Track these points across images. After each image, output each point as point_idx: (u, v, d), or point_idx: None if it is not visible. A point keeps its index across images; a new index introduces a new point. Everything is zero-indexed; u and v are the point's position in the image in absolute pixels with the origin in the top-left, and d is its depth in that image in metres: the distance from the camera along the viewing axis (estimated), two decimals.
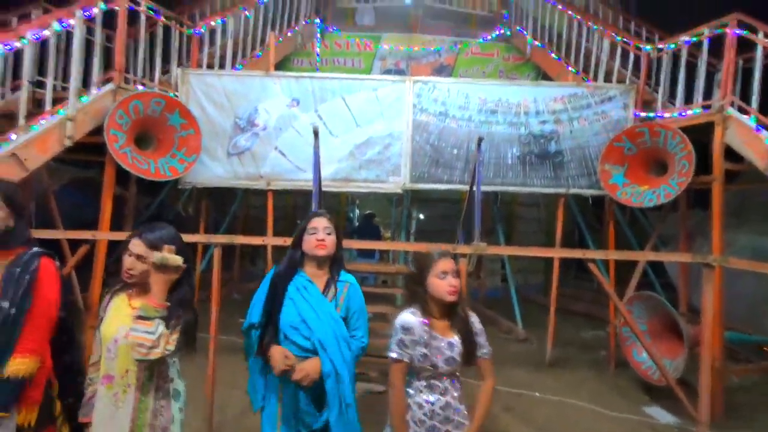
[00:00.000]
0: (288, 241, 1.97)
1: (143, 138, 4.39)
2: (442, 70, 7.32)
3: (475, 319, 1.77)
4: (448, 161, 4.85)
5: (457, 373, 1.73)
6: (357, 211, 10.09)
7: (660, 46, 4.80)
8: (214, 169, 4.87)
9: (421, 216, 7.84)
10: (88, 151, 4.25)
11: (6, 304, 1.36)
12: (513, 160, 4.82)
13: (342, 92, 4.86)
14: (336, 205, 8.23)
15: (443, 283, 1.68)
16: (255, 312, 1.85)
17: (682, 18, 5.28)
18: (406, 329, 1.66)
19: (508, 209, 8.30)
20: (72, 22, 3.76)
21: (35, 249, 1.52)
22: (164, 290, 1.50)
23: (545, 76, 6.69)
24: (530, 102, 4.82)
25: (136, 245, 1.60)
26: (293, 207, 8.26)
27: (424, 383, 1.68)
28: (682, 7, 8.01)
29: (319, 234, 1.80)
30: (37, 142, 3.51)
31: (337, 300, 1.83)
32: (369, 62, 7.38)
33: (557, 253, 4.30)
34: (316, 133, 3.22)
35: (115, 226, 4.40)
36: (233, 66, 5.38)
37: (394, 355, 1.67)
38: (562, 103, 4.78)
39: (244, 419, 3.09)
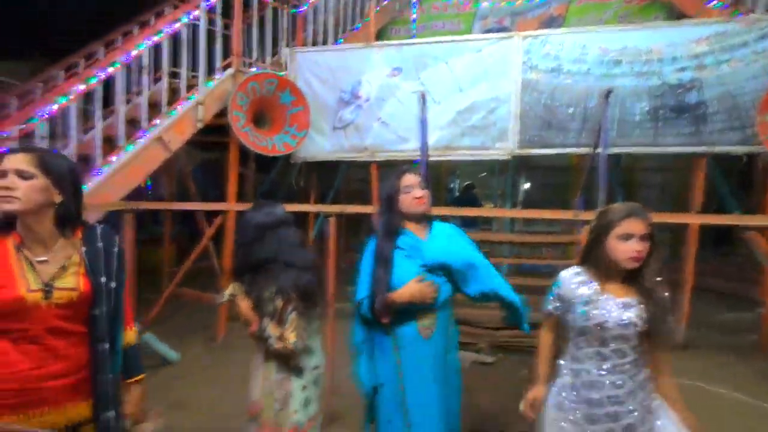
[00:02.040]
0: None
1: (259, 117, 4.73)
2: (551, 23, 6.65)
3: (664, 292, 1.50)
4: (561, 122, 4.43)
5: (638, 351, 1.48)
6: (457, 182, 9.88)
7: None
8: (321, 144, 5.08)
9: (526, 185, 7.39)
10: (212, 133, 4.72)
11: (105, 280, 1.29)
12: (641, 116, 4.22)
13: (445, 56, 4.67)
14: (435, 175, 8.14)
15: (625, 247, 1.43)
16: (363, 286, 1.76)
17: None
18: (557, 284, 1.59)
19: (627, 175, 7.43)
20: (197, 13, 4.12)
21: (102, 225, 1.39)
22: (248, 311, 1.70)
23: (678, 17, 5.71)
24: (664, 47, 4.14)
25: None
26: None
27: (592, 350, 1.49)
28: None
29: (416, 191, 1.73)
30: (175, 125, 3.97)
31: None
32: (469, 23, 6.99)
33: (698, 219, 3.67)
34: (423, 99, 3.12)
35: (238, 201, 4.86)
36: (335, 41, 5.49)
37: (547, 306, 1.63)
38: (706, 44, 4.03)
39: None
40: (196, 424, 2.79)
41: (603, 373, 1.46)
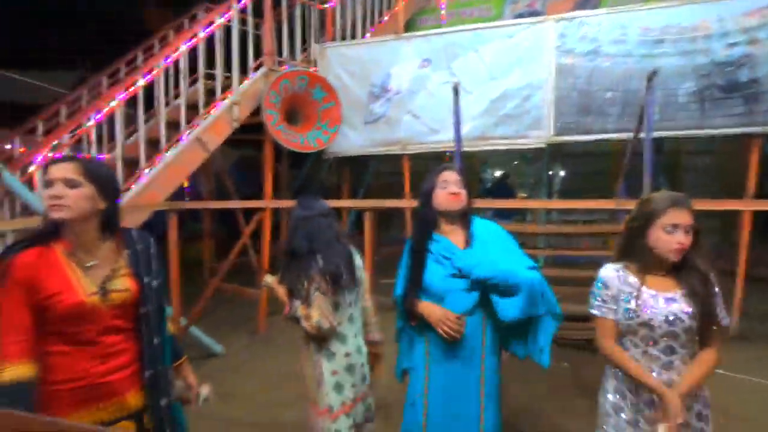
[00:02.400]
0: None
1: (292, 114, 4.80)
2: (585, 4, 6.39)
3: (713, 278, 1.41)
4: (599, 107, 4.27)
5: (688, 349, 1.42)
6: (489, 171, 9.70)
7: None
8: (353, 139, 5.11)
9: (562, 173, 7.17)
10: (247, 131, 4.83)
11: (149, 280, 1.37)
12: (686, 97, 4.01)
13: (474, 44, 4.58)
14: (468, 165, 8.03)
15: (670, 238, 1.36)
16: (400, 282, 1.78)
17: None
18: (602, 283, 1.49)
19: (671, 159, 7.09)
20: (229, 14, 4.20)
21: (135, 228, 1.47)
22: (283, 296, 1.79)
23: None
24: (712, 22, 3.90)
25: None
26: (424, 172, 8.30)
27: (639, 351, 1.43)
28: None
29: (452, 187, 1.70)
30: (213, 126, 4.09)
31: None
32: (499, 9, 6.82)
33: (752, 205, 3.47)
34: (456, 91, 3.09)
35: (274, 197, 4.96)
36: (363, 34, 5.48)
37: (594, 311, 1.50)
38: (759, 16, 3.77)
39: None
40: (243, 413, 2.91)
41: (653, 374, 1.40)
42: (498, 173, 9.80)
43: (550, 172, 6.26)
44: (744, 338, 3.92)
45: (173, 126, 4.00)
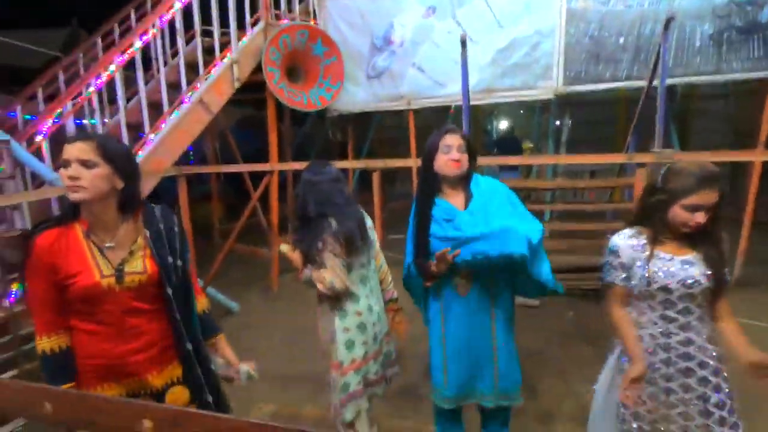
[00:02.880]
0: None
1: (292, 71, 4.67)
2: None
3: (723, 243, 1.42)
4: (611, 54, 4.11)
5: (703, 308, 1.44)
6: (494, 122, 9.53)
7: None
8: (355, 94, 4.99)
9: (569, 122, 7.03)
10: (247, 90, 4.73)
11: (173, 260, 1.34)
12: (703, 41, 3.84)
13: None
14: (473, 117, 7.88)
15: (689, 217, 1.35)
16: (409, 249, 1.82)
17: None
18: (613, 251, 1.50)
19: (682, 104, 6.89)
20: None
21: (159, 205, 1.41)
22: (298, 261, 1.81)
23: None
24: None
25: None
26: (428, 126, 8.16)
27: (657, 314, 1.46)
28: None
29: (453, 153, 1.69)
30: (214, 87, 4.00)
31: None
32: None
33: (763, 156, 3.42)
34: (463, 43, 2.97)
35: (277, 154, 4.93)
36: None
37: (604, 277, 1.54)
38: None
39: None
40: (264, 367, 3.07)
41: (671, 335, 1.44)
42: (503, 124, 9.63)
43: (558, 122, 6.13)
44: (749, 284, 4.01)
45: (172, 87, 3.92)
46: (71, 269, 1.22)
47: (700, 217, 1.35)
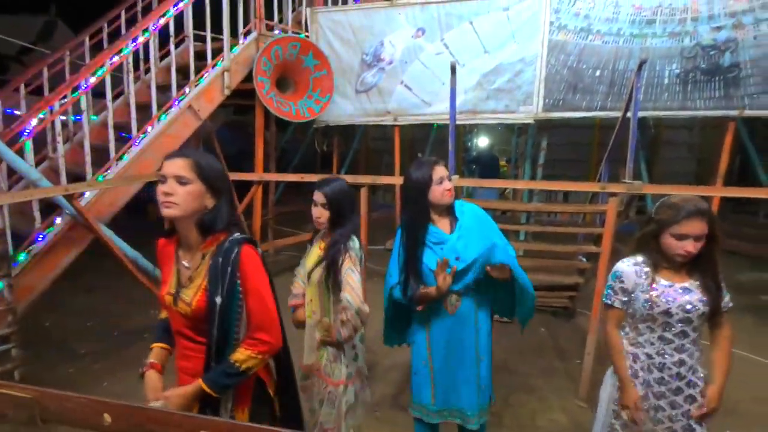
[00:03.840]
0: None
1: (282, 81, 4.73)
2: None
3: (718, 272, 1.55)
4: (588, 85, 4.37)
5: (698, 332, 1.56)
6: (474, 141, 9.80)
7: None
8: (343, 107, 5.09)
9: (545, 144, 7.32)
10: (236, 96, 4.74)
11: (218, 299, 1.24)
12: (671, 79, 4.15)
13: (469, 16, 4.55)
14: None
15: (677, 245, 1.48)
16: (394, 272, 1.84)
17: None
18: (617, 276, 1.61)
19: (653, 131, 7.30)
20: None
21: (236, 235, 1.29)
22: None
23: None
24: (701, 4, 3.98)
25: (319, 196, 1.86)
26: (411, 141, 8.35)
27: (655, 336, 1.57)
28: None
29: (446, 183, 1.78)
30: (204, 93, 4.02)
31: None
32: None
33: (721, 192, 3.67)
34: (453, 69, 3.12)
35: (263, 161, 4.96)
36: None
37: (605, 300, 1.66)
38: (747, 1, 3.87)
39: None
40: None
41: (666, 355, 1.55)
42: (483, 141, 9.91)
43: (536, 143, 6.39)
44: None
45: (161, 90, 3.91)
46: (163, 275, 1.37)
47: (689, 246, 1.47)
